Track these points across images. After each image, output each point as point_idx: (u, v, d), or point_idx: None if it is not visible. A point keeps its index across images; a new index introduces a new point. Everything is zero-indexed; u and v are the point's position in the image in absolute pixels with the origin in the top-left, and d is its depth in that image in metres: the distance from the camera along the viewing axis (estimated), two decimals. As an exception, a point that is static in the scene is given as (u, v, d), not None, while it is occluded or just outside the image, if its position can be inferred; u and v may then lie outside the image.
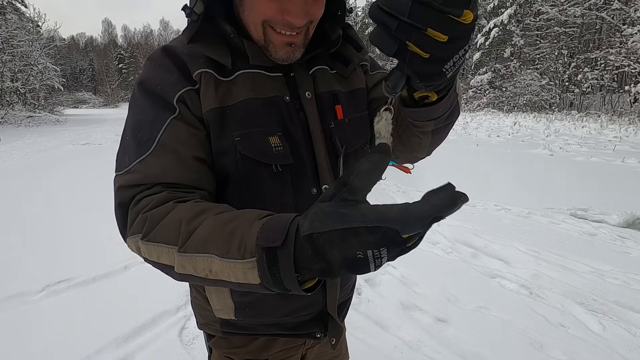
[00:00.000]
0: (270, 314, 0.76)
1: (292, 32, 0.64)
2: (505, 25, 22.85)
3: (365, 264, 0.38)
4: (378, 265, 0.39)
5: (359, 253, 0.38)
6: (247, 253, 0.45)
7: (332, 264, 0.40)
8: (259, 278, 0.44)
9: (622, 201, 4.37)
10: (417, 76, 0.48)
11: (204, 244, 0.49)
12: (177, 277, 0.54)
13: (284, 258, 0.42)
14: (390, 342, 1.99)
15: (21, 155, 8.47)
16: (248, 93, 0.66)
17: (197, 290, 0.79)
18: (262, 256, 0.43)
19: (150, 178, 0.60)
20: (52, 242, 3.31)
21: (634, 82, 16.12)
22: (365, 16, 42.86)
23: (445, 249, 3.14)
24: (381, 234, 0.37)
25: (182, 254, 0.51)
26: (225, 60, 0.65)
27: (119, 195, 0.61)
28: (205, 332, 0.84)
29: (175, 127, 0.62)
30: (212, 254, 0.48)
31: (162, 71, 0.65)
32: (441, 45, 0.43)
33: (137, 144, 0.62)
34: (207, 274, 0.49)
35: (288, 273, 0.42)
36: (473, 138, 10.87)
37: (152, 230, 0.54)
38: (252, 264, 0.44)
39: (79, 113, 33.42)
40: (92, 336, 2.01)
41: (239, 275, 0.46)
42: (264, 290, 0.46)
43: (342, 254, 0.39)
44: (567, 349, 1.91)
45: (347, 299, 0.89)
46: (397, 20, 0.42)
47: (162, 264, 0.54)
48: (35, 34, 21.68)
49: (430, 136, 0.69)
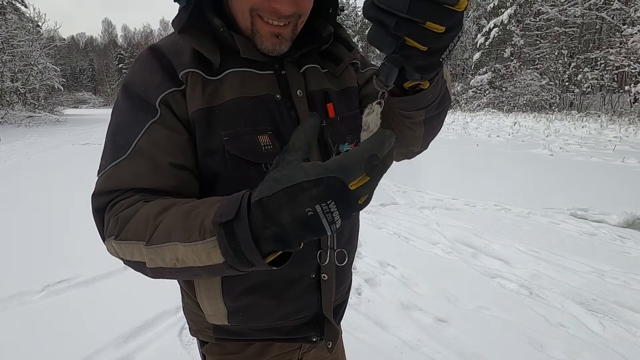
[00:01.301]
0: (264, 318, 0.74)
1: (280, 23, 0.63)
2: (505, 25, 22.85)
3: (317, 221, 0.39)
4: (331, 222, 0.39)
5: (309, 210, 0.38)
6: (206, 233, 0.46)
7: (284, 225, 0.40)
8: (222, 256, 0.45)
9: (622, 201, 4.37)
10: (417, 70, 0.48)
11: (167, 234, 0.50)
12: (151, 273, 0.55)
13: (240, 229, 0.42)
14: (390, 342, 1.99)
15: (21, 155, 8.47)
16: (237, 92, 0.65)
17: (188, 296, 0.77)
18: (221, 232, 0.44)
19: (124, 184, 0.60)
20: (52, 242, 3.31)
21: (634, 82, 16.12)
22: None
23: (445, 249, 3.14)
24: (324, 185, 0.38)
25: (149, 247, 0.51)
26: (214, 58, 0.63)
27: (95, 202, 0.61)
28: (198, 338, 0.82)
29: (154, 132, 0.61)
30: (176, 242, 0.49)
31: (147, 72, 0.64)
32: (439, 36, 0.44)
33: (114, 148, 0.62)
34: (174, 263, 0.50)
35: (248, 244, 0.42)
36: (473, 138, 10.88)
37: (122, 229, 0.55)
38: (213, 243, 0.45)
39: (79, 113, 33.42)
40: (92, 336, 2.01)
41: (202, 257, 0.47)
42: (230, 270, 0.46)
43: (292, 213, 0.39)
44: (567, 349, 1.91)
45: (342, 301, 0.87)
46: (395, 17, 0.42)
47: (136, 261, 0.55)
48: (35, 34, 21.67)
49: (422, 127, 0.68)
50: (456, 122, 16.52)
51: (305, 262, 0.72)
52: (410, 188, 5.22)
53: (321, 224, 0.39)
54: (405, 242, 3.31)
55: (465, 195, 4.83)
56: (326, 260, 0.72)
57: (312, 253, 0.72)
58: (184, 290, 0.78)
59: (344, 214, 0.39)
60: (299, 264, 0.71)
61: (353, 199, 0.39)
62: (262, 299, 0.72)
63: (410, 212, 4.18)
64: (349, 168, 0.38)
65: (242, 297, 0.71)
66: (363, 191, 0.39)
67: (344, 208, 0.39)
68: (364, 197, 0.40)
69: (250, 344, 0.79)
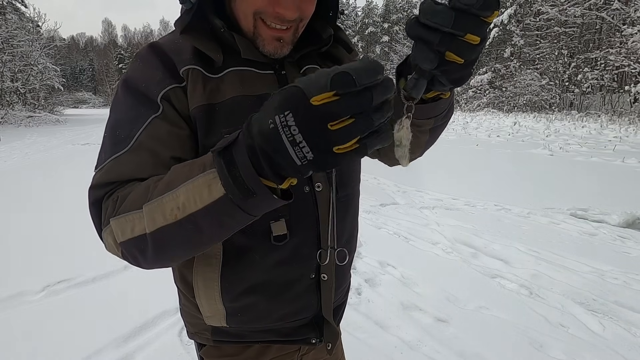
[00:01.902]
0: (263, 319, 0.73)
1: (282, 26, 0.63)
2: (505, 25, 22.86)
3: (277, 135, 0.37)
4: (292, 140, 0.36)
5: (270, 121, 0.37)
6: (207, 166, 0.45)
7: (254, 137, 0.40)
8: (223, 187, 0.43)
9: (622, 201, 4.37)
10: (451, 82, 0.50)
11: (168, 184, 0.49)
12: (152, 246, 0.51)
13: (237, 152, 0.42)
14: (390, 342, 1.99)
15: (21, 155, 8.47)
16: (237, 90, 0.65)
17: (186, 297, 0.76)
18: (220, 161, 0.43)
19: (124, 176, 0.58)
20: (52, 242, 3.31)
21: (634, 82, 16.12)
22: (365, 16, 42.86)
23: (445, 249, 3.14)
24: (284, 94, 0.37)
25: (148, 203, 0.50)
26: (216, 56, 0.64)
27: (92, 194, 0.59)
28: (196, 341, 0.81)
29: (156, 126, 0.60)
30: (177, 186, 0.48)
31: (148, 69, 0.64)
32: (475, 48, 0.47)
33: (114, 142, 0.60)
34: (176, 214, 0.48)
35: (247, 169, 0.41)
36: (473, 138, 10.88)
37: (121, 205, 0.54)
38: (213, 174, 0.44)
39: (79, 113, 33.43)
40: (92, 336, 2.01)
41: (204, 194, 0.45)
42: (231, 207, 0.44)
43: (259, 127, 0.39)
44: (567, 349, 1.91)
45: (342, 302, 0.87)
46: (439, 33, 0.45)
47: (137, 237, 0.51)
48: (35, 34, 21.68)
49: (427, 135, 0.71)
50: (456, 122, 16.51)
51: (305, 262, 0.72)
52: (410, 188, 5.22)
53: (281, 141, 0.37)
54: (405, 242, 3.31)
55: (465, 195, 4.83)
56: (326, 259, 0.72)
57: (312, 252, 0.72)
58: (182, 292, 0.77)
59: (307, 134, 0.36)
60: (299, 264, 0.71)
61: (317, 118, 0.35)
62: (261, 299, 0.71)
63: (410, 212, 4.18)
64: (313, 79, 0.36)
65: (241, 298, 0.70)
66: (330, 111, 0.35)
67: (305, 125, 0.36)
68: (336, 124, 0.35)
69: (249, 346, 0.78)
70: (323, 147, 0.36)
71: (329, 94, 0.35)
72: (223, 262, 0.68)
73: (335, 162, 0.38)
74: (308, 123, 0.36)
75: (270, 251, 0.68)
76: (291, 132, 0.36)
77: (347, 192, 0.75)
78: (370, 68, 0.35)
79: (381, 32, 41.16)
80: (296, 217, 0.68)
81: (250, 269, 0.69)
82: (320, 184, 0.70)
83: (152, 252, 0.52)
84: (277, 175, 0.41)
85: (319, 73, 0.36)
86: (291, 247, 0.69)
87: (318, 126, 0.36)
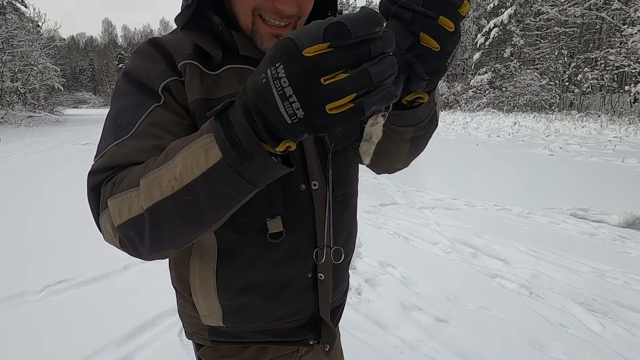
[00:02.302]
0: (260, 319, 0.73)
1: (281, 23, 0.63)
2: (505, 25, 22.85)
3: (268, 89, 0.36)
4: (282, 94, 0.35)
5: (263, 76, 0.36)
6: (204, 132, 0.44)
7: (248, 94, 0.39)
8: (220, 151, 0.42)
9: (622, 201, 4.37)
10: (427, 72, 0.49)
11: (164, 158, 0.48)
12: (149, 222, 0.48)
13: (235, 112, 0.41)
14: (390, 342, 1.99)
15: (21, 155, 8.47)
16: (235, 88, 0.65)
17: (183, 297, 0.76)
18: (216, 125, 0.42)
19: (125, 160, 0.56)
20: (52, 242, 3.31)
21: (634, 82, 16.12)
22: (365, 16, 42.87)
23: (445, 249, 3.14)
24: (277, 47, 0.36)
25: (145, 177, 0.48)
26: (216, 52, 0.64)
27: (91, 180, 0.57)
28: (193, 341, 0.81)
29: (158, 114, 0.60)
30: (174, 156, 0.46)
31: (149, 61, 0.64)
32: (450, 36, 0.46)
33: (116, 129, 0.59)
34: (173, 185, 0.45)
35: (242, 128, 0.40)
36: (473, 138, 10.87)
37: (120, 185, 0.52)
38: (210, 138, 0.43)
39: (79, 113, 33.42)
40: (92, 336, 2.01)
41: (201, 160, 0.43)
42: (229, 172, 0.42)
43: (252, 83, 0.38)
44: (567, 349, 1.91)
45: (340, 303, 0.86)
46: (411, 11, 0.45)
47: (134, 217, 0.49)
48: (35, 34, 21.69)
49: (408, 144, 0.70)
50: (456, 122, 16.51)
51: (302, 261, 0.72)
52: (410, 188, 5.22)
53: (272, 94, 0.35)
54: (405, 242, 3.31)
55: (465, 195, 4.83)
56: (322, 258, 0.72)
57: (309, 251, 0.72)
58: (179, 291, 0.77)
59: (297, 88, 0.34)
60: (295, 263, 0.71)
61: (308, 70, 0.33)
62: (258, 298, 0.71)
63: (410, 212, 4.18)
64: (306, 29, 0.34)
65: (237, 296, 0.70)
66: (323, 64, 0.33)
67: (295, 78, 0.34)
68: (329, 78, 0.33)
69: (246, 347, 0.77)
70: (314, 104, 0.34)
71: (322, 46, 0.33)
72: (218, 259, 0.68)
73: (327, 123, 0.36)
74: (299, 76, 0.34)
75: (266, 249, 0.68)
76: (281, 85, 0.35)
77: (344, 191, 0.75)
78: (368, 19, 0.33)
79: (381, 32, 41.16)
80: (292, 215, 0.68)
81: (246, 267, 0.69)
82: (317, 182, 0.70)
83: (149, 233, 0.49)
84: (272, 135, 0.39)
85: (314, 23, 0.34)
86: (287, 245, 0.69)
87: (309, 79, 0.34)
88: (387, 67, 0.34)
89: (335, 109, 0.34)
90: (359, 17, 0.33)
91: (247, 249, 0.68)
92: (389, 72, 0.35)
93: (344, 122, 0.36)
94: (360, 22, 0.33)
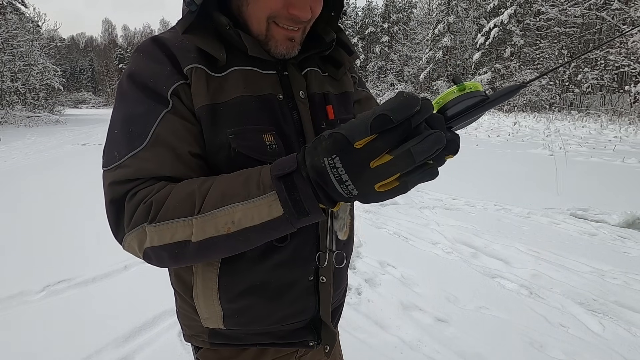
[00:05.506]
0: (261, 322, 0.73)
1: (295, 27, 0.64)
2: (505, 25, 22.86)
3: (326, 173, 0.43)
4: (339, 179, 0.42)
5: (321, 161, 0.43)
6: (266, 188, 0.50)
7: (308, 170, 0.46)
8: (282, 208, 0.49)
9: (622, 201, 4.37)
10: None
11: (221, 198, 0.52)
12: (194, 251, 0.53)
13: (299, 179, 0.47)
14: (390, 342, 1.99)
15: (21, 155, 8.47)
16: (241, 90, 0.64)
17: (183, 299, 0.75)
18: (280, 185, 0.48)
19: (145, 172, 0.57)
20: (52, 242, 3.31)
21: (634, 82, 16.12)
22: (365, 16, 42.84)
23: (445, 249, 3.14)
24: (332, 140, 0.43)
25: (200, 216, 0.52)
26: (220, 54, 0.63)
27: (110, 192, 0.58)
28: (192, 344, 0.80)
29: (170, 120, 0.60)
30: (234, 203, 0.51)
31: (154, 63, 0.63)
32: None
33: (129, 138, 0.59)
34: (229, 227, 0.51)
35: (306, 192, 0.47)
36: (473, 138, 10.88)
37: (160, 211, 0.53)
38: (273, 196, 0.49)
39: (79, 113, 33.44)
40: (92, 336, 2.01)
41: (263, 212, 0.50)
42: (286, 224, 0.50)
43: (311, 162, 0.45)
44: (567, 349, 1.91)
45: (339, 304, 0.87)
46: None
47: (175, 242, 0.53)
48: (35, 34, 21.67)
49: None
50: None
51: (304, 264, 0.72)
52: (411, 189, 5.21)
53: (330, 179, 0.43)
54: (405, 242, 3.31)
55: (465, 195, 4.83)
56: (325, 262, 0.72)
57: (311, 255, 0.72)
58: (179, 294, 0.76)
59: (352, 174, 0.41)
60: (298, 266, 0.71)
61: (359, 160, 0.41)
62: (259, 301, 0.71)
63: (410, 212, 4.18)
64: (354, 125, 0.41)
65: (239, 299, 0.70)
66: (370, 150, 0.40)
67: (350, 167, 0.41)
68: (375, 161, 0.40)
69: (246, 349, 0.77)
70: (366, 185, 0.42)
71: (370, 137, 0.40)
72: (222, 262, 0.68)
73: (377, 198, 0.43)
74: (352, 164, 0.41)
75: (271, 252, 0.68)
76: (339, 173, 0.42)
77: None
78: (404, 104, 0.39)
79: (381, 32, 41.10)
80: None
81: (249, 270, 0.69)
82: None
83: (191, 258, 0.54)
84: (331, 201, 0.47)
85: (360, 118, 0.41)
86: (291, 248, 0.69)
87: (360, 166, 0.41)
88: (431, 146, 0.39)
89: (382, 187, 0.42)
90: (397, 103, 0.39)
91: (252, 251, 0.67)
92: (435, 148, 0.40)
93: (390, 196, 0.43)
94: (400, 108, 0.39)
